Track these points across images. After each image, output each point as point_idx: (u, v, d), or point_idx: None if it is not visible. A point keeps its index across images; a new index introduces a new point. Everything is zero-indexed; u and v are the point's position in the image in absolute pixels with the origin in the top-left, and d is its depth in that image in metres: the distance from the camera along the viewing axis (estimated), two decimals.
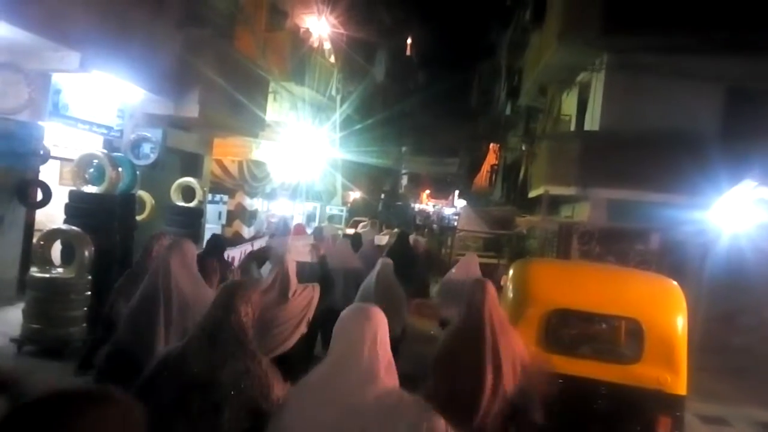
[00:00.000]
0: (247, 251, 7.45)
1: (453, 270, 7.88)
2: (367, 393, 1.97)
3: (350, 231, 16.53)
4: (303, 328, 4.37)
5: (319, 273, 5.38)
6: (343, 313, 2.17)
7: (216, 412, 2.23)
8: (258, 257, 5.65)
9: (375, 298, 5.03)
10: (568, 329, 4.67)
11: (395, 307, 5.14)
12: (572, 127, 14.82)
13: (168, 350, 2.53)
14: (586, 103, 13.81)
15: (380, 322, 2.11)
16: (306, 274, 5.16)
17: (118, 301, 3.63)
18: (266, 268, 5.16)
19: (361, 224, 17.45)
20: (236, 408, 2.25)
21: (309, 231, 9.42)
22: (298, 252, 5.60)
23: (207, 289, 3.46)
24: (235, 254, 7.73)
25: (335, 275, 5.76)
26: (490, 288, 3.32)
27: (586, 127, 13.57)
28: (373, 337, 2.04)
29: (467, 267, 7.53)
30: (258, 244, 8.21)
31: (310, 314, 4.43)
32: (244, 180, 14.39)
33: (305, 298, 4.45)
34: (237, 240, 11.58)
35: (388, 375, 2.03)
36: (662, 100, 11.62)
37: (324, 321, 4.50)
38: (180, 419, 2.24)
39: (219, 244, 5.59)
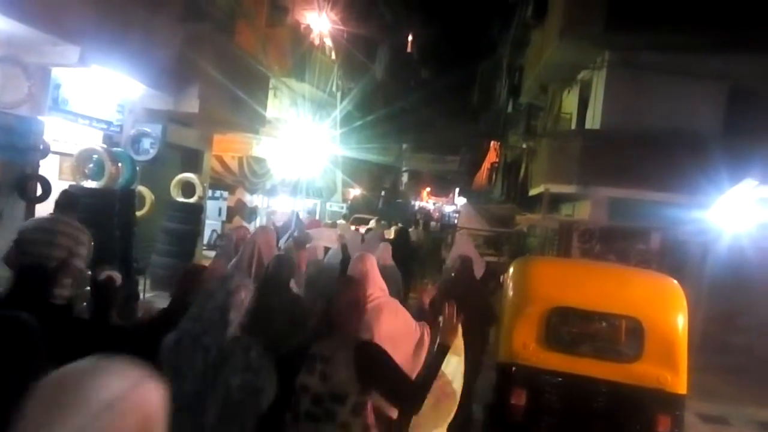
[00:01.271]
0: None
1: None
2: None
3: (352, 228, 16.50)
4: None
5: (340, 256, 6.08)
6: None
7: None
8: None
9: None
10: (568, 327, 4.66)
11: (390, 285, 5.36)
12: (573, 126, 14.80)
13: None
14: (588, 102, 13.78)
15: None
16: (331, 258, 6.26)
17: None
18: None
19: (370, 223, 17.36)
20: None
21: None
22: (328, 238, 7.17)
23: None
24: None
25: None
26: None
27: (587, 125, 13.54)
28: None
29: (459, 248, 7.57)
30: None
31: None
32: (244, 176, 14.37)
33: None
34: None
35: None
36: (664, 98, 11.60)
37: None
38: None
39: None
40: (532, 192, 15.18)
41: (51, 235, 4.64)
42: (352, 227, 14.48)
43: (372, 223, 15.60)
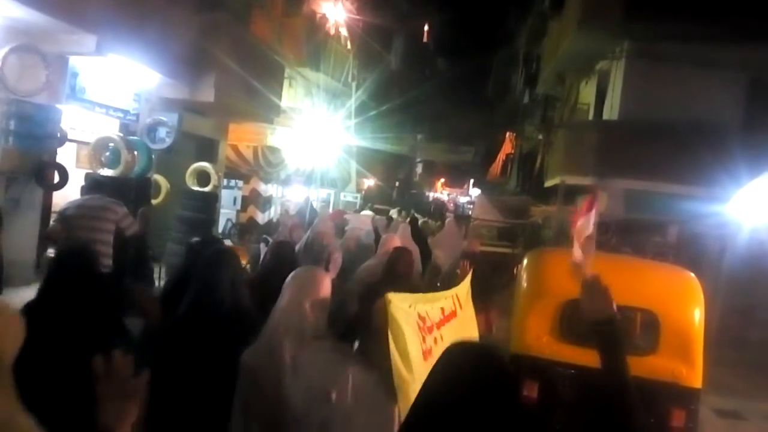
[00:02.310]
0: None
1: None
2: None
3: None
4: None
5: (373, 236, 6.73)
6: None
7: None
8: None
9: None
10: (582, 320, 4.62)
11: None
12: (590, 116, 14.65)
13: None
14: (605, 92, 13.62)
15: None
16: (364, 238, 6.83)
17: None
18: None
19: (391, 212, 17.31)
20: None
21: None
22: (363, 222, 8.11)
23: None
24: None
25: None
26: None
27: (605, 116, 13.40)
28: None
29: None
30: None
31: None
32: (258, 166, 14.41)
33: None
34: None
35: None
36: (683, 89, 11.43)
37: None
38: None
39: None
40: (548, 183, 15.07)
41: (98, 210, 4.94)
42: None
43: (393, 214, 15.58)
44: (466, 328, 3.27)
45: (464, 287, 3.45)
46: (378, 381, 2.16)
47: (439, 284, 5.74)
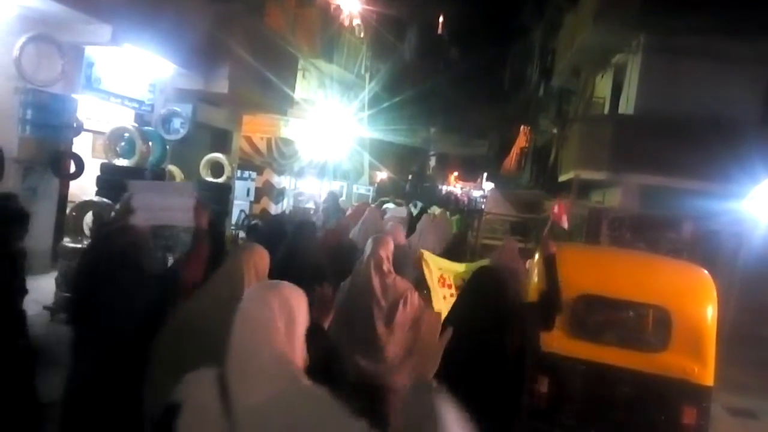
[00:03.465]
0: None
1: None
2: None
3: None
4: None
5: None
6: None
7: None
8: None
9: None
10: (593, 315, 4.60)
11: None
12: (606, 110, 14.51)
13: None
14: (621, 86, 13.48)
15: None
16: None
17: None
18: None
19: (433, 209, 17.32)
20: None
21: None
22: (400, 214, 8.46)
23: None
24: None
25: None
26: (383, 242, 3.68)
27: (621, 110, 13.26)
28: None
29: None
30: None
31: None
32: (272, 157, 14.45)
33: None
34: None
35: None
36: (700, 83, 11.27)
37: None
38: None
39: None
40: (562, 178, 14.97)
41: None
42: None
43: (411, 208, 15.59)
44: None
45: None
46: None
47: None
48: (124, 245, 2.67)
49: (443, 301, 4.66)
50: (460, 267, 5.04)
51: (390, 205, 14.14)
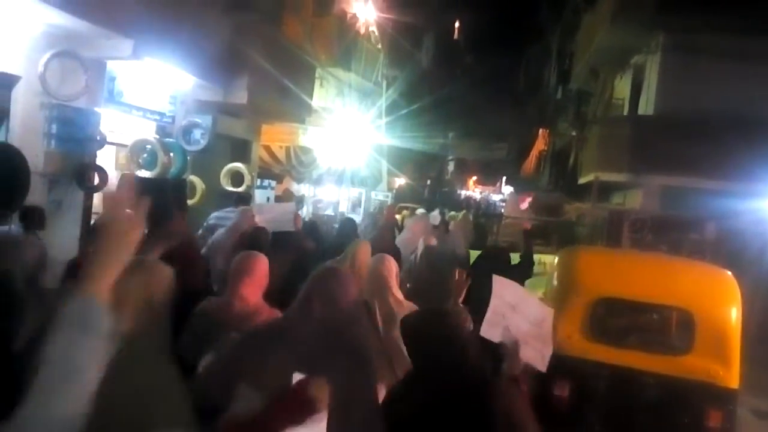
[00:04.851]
0: None
1: None
2: None
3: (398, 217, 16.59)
4: None
5: None
6: None
7: None
8: None
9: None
10: (615, 318, 4.57)
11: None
12: (625, 112, 14.39)
13: None
14: (641, 87, 13.36)
15: None
16: None
17: None
18: None
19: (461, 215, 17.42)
20: None
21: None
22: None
23: None
24: None
25: None
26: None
27: (640, 111, 13.14)
28: None
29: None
30: None
31: None
32: (291, 166, 14.57)
33: None
34: None
35: None
36: (721, 83, 11.13)
37: None
38: None
39: None
40: (582, 180, 14.86)
41: None
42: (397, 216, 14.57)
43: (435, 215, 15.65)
44: None
45: None
46: None
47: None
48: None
49: None
50: None
51: (420, 210, 14.28)
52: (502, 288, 2.81)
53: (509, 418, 2.02)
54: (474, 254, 6.01)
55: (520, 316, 2.73)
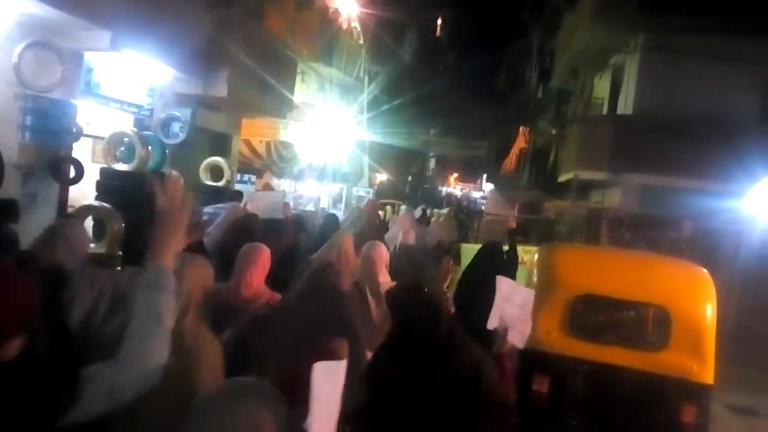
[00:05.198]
0: None
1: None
2: None
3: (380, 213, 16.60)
4: None
5: None
6: None
7: None
8: None
9: None
10: (593, 315, 4.62)
11: None
12: (604, 111, 14.54)
13: None
14: (620, 86, 13.51)
15: None
16: None
17: None
18: None
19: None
20: None
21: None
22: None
23: None
24: None
25: None
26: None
27: (619, 110, 13.29)
28: None
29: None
30: None
31: None
32: (271, 161, 14.46)
33: None
34: None
35: None
36: (699, 83, 11.29)
37: None
38: None
39: None
40: (561, 178, 14.99)
41: None
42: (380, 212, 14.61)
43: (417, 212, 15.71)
44: None
45: None
46: None
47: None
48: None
49: None
50: None
51: (404, 207, 14.33)
52: (501, 286, 3.12)
53: (490, 386, 2.49)
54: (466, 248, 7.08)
55: (510, 304, 3.05)
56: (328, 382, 1.65)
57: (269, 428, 1.43)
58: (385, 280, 3.73)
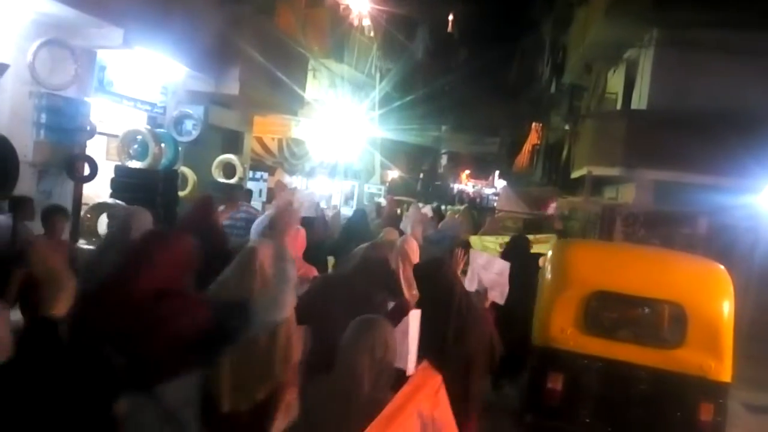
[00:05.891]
0: None
1: None
2: None
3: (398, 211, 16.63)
4: None
5: None
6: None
7: None
8: None
9: None
10: (608, 312, 4.57)
11: None
12: (618, 106, 14.40)
13: None
14: (634, 81, 13.38)
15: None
16: None
17: None
18: None
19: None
20: None
21: None
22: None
23: None
24: None
25: None
26: None
27: (633, 105, 13.16)
28: None
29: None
30: None
31: None
32: (283, 158, 14.49)
33: None
34: None
35: None
36: (714, 78, 11.15)
37: None
38: None
39: None
40: (575, 174, 14.88)
41: None
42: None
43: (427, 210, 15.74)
44: None
45: None
46: None
47: None
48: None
49: None
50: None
51: (420, 204, 14.35)
52: (475, 257, 4.02)
53: (483, 326, 3.37)
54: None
55: (488, 272, 3.88)
56: (415, 326, 2.54)
57: (391, 343, 2.25)
58: None
